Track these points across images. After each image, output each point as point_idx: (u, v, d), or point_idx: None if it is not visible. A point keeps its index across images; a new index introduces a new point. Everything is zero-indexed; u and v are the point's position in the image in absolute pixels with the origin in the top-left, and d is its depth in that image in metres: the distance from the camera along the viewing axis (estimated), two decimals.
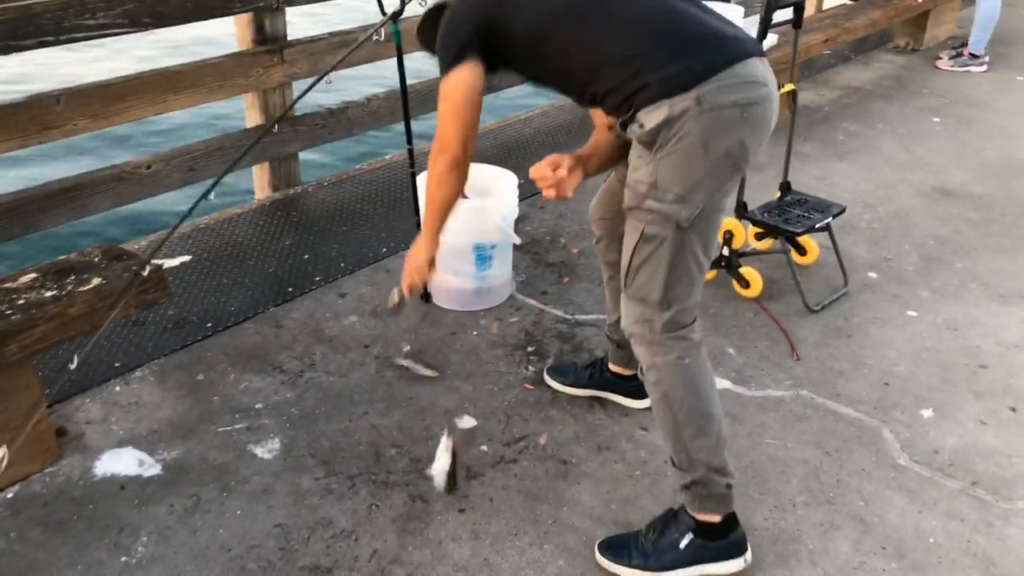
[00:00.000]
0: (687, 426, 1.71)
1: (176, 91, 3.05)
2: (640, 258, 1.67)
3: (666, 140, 1.56)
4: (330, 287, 2.83)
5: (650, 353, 1.72)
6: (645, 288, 1.68)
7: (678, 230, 1.62)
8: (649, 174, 1.60)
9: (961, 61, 5.33)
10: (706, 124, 1.54)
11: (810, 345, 2.58)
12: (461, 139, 1.70)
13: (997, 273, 3.01)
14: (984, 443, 2.19)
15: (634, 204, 1.65)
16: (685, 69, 1.55)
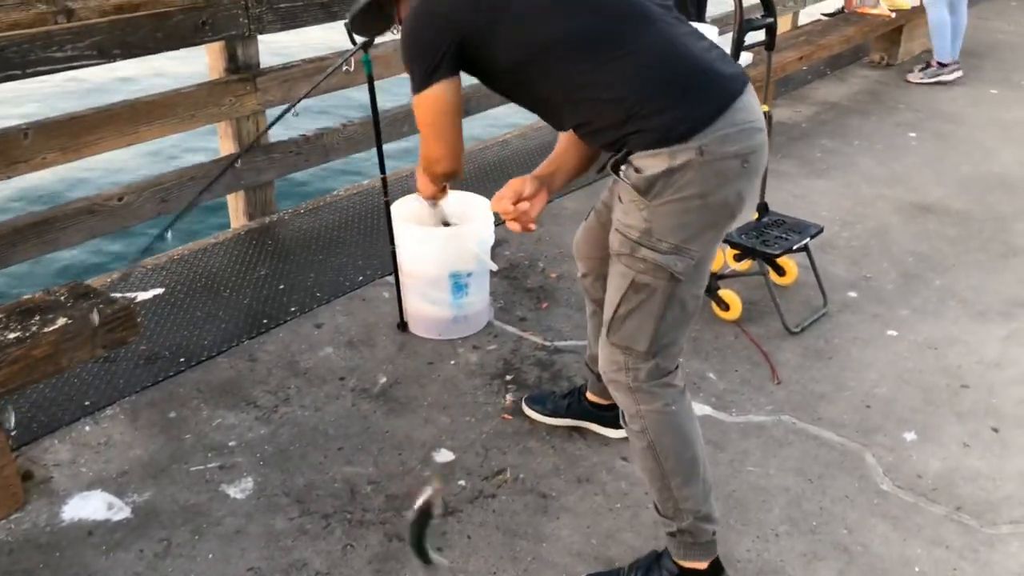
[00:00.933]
0: (675, 475, 1.67)
1: (148, 122, 3.02)
2: (628, 307, 1.60)
3: (663, 189, 1.51)
4: (306, 317, 2.79)
5: (634, 401, 1.66)
6: (632, 338, 1.62)
7: (671, 280, 1.57)
8: (643, 221, 1.54)
9: (931, 72, 5.38)
10: (707, 176, 1.50)
11: (791, 368, 2.56)
12: (451, 153, 1.70)
13: (975, 289, 3.00)
14: (968, 466, 2.17)
15: (625, 251, 1.58)
16: (684, 117, 1.49)
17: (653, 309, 1.59)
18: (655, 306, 1.58)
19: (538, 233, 3.34)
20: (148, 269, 3.06)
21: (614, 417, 2.19)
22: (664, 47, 1.53)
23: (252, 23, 3.24)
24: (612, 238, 1.62)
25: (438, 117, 1.63)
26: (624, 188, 1.57)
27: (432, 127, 1.66)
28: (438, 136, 1.67)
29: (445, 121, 1.64)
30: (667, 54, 1.53)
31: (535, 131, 4.50)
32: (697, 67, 1.54)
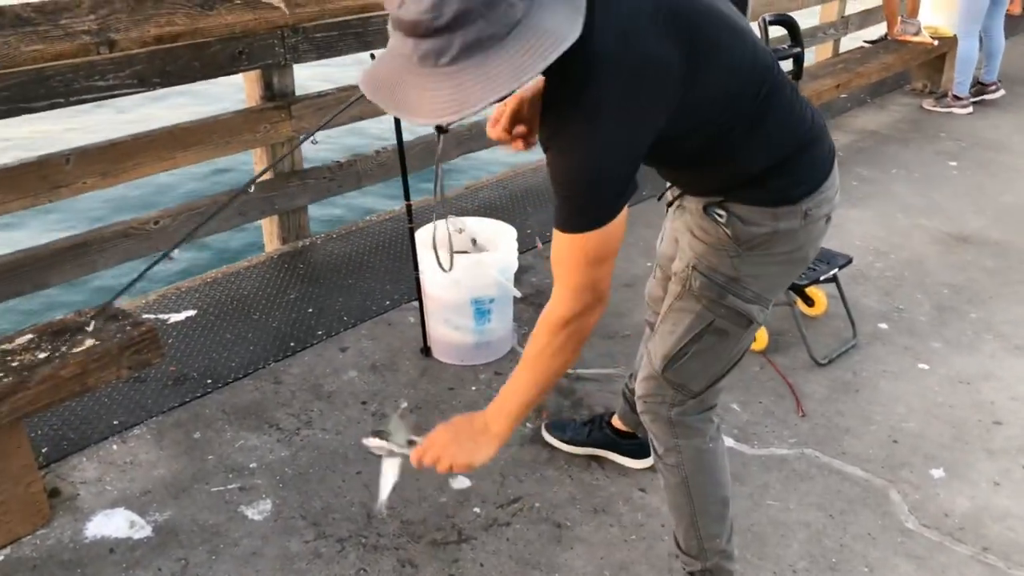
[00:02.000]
0: (704, 514, 1.67)
1: (184, 148, 3.10)
2: (698, 348, 1.56)
3: (761, 244, 1.48)
4: (332, 341, 2.82)
5: (672, 435, 1.64)
6: (690, 377, 1.59)
7: (747, 327, 1.55)
8: (731, 268, 1.51)
9: (944, 103, 5.31)
10: (803, 237, 1.50)
11: (816, 400, 2.51)
12: (608, 279, 1.35)
13: (1013, 323, 2.93)
14: (997, 505, 2.10)
15: (710, 294, 1.53)
16: (799, 182, 1.46)
17: (722, 353, 1.57)
18: (726, 349, 1.57)
19: None
20: (182, 291, 3.14)
21: (635, 447, 2.19)
22: (791, 112, 1.47)
23: (288, 53, 3.32)
24: (690, 276, 1.55)
25: (614, 246, 1.31)
26: (711, 228, 1.51)
27: (605, 263, 1.32)
28: (604, 274, 1.33)
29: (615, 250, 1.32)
30: (794, 121, 1.47)
31: None
32: (813, 134, 1.49)
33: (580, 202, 1.27)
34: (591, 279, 1.31)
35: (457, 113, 1.08)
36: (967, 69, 5.26)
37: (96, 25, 2.67)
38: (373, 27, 3.55)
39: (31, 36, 2.53)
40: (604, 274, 1.32)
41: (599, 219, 1.27)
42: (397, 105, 1.14)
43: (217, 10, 3.02)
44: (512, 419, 1.44)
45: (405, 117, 1.14)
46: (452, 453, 1.44)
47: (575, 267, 1.30)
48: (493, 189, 4.12)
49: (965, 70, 5.26)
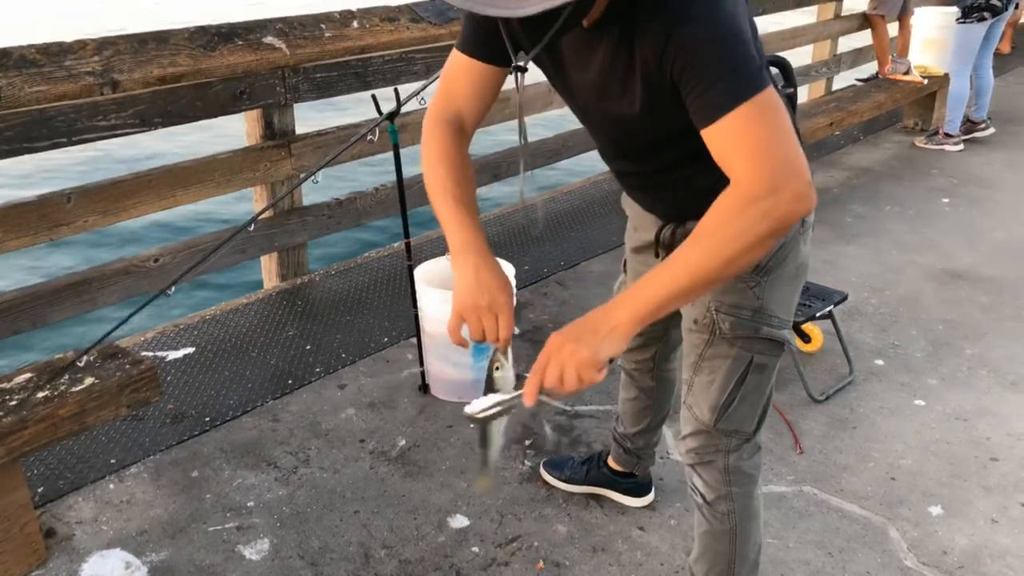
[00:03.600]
0: (744, 561, 1.66)
1: (185, 186, 3.12)
2: (745, 391, 1.52)
3: (776, 263, 1.46)
4: (330, 378, 2.83)
5: (726, 483, 1.59)
6: (742, 420, 1.55)
7: (781, 352, 1.53)
8: (754, 298, 1.47)
9: (936, 140, 5.39)
10: (802, 246, 1.50)
11: (814, 437, 2.52)
12: (803, 157, 1.16)
13: (1009, 359, 2.94)
14: (995, 543, 2.10)
15: (743, 333, 1.47)
16: None
17: (765, 387, 1.54)
18: (767, 382, 1.54)
19: (563, 296, 3.36)
20: (180, 328, 3.14)
21: (633, 485, 2.19)
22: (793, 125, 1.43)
23: (288, 92, 3.37)
24: (715, 320, 1.48)
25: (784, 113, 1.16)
26: None
27: (784, 131, 1.14)
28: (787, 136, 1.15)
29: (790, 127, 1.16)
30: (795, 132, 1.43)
31: (564, 195, 4.56)
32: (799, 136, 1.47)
33: (741, 62, 1.13)
34: (781, 151, 1.12)
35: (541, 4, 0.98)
36: (958, 107, 5.35)
37: (100, 67, 2.71)
38: (373, 67, 3.61)
39: (35, 77, 2.56)
40: (798, 156, 1.13)
41: (762, 77, 1.13)
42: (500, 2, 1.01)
43: (219, 51, 3.07)
44: (647, 306, 1.16)
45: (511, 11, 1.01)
46: (570, 352, 1.16)
47: (757, 139, 1.12)
48: (491, 225, 4.15)
49: (956, 108, 5.35)
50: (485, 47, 1.40)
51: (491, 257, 1.35)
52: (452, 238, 1.36)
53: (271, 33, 3.28)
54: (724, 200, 1.15)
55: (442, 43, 3.77)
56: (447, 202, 1.38)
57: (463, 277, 1.33)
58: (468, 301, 1.32)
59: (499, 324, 1.32)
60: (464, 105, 1.46)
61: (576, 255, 3.73)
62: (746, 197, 1.12)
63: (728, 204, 1.14)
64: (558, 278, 3.52)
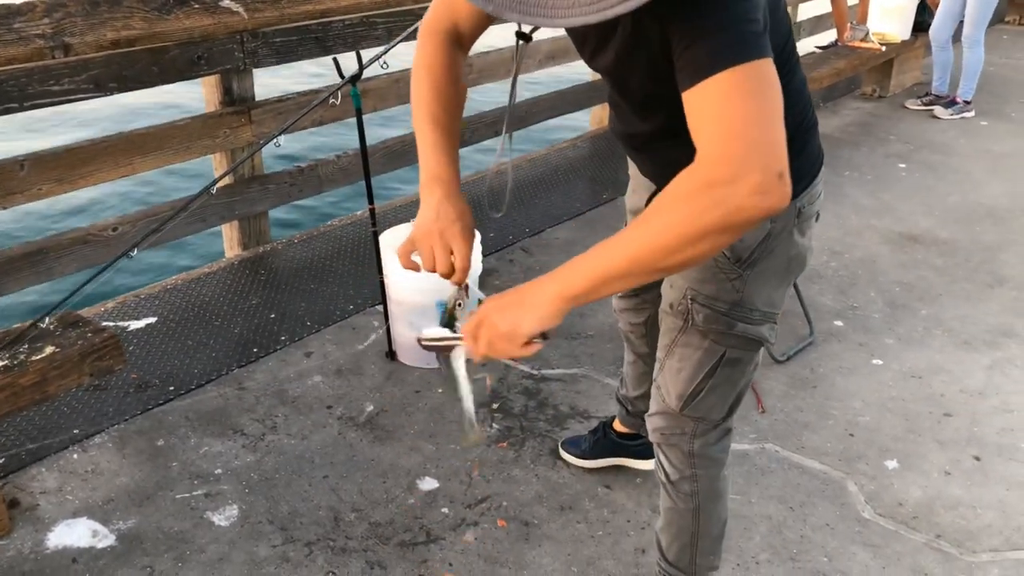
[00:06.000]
0: (706, 537, 1.66)
1: (143, 154, 3.06)
2: (714, 381, 1.47)
3: (761, 255, 1.37)
4: (295, 346, 2.81)
5: (690, 465, 1.57)
6: (710, 409, 1.51)
7: (760, 348, 1.47)
8: (733, 291, 1.39)
9: (957, 109, 5.40)
10: (797, 237, 1.40)
11: (776, 396, 2.57)
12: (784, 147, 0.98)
13: (961, 319, 3.03)
14: (949, 494, 2.18)
15: (717, 327, 1.41)
16: (797, 173, 1.19)
17: (739, 380, 1.49)
18: (741, 376, 1.49)
19: (529, 263, 3.38)
20: (142, 298, 3.10)
21: (642, 447, 2.16)
22: (805, 85, 1.34)
23: (247, 57, 3.31)
24: (690, 309, 1.43)
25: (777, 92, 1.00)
26: None
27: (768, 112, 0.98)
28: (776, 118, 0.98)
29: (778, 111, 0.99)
30: (807, 96, 1.35)
31: (529, 163, 4.56)
32: (815, 119, 1.38)
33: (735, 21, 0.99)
34: (755, 134, 0.96)
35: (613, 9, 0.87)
36: (976, 74, 5.34)
37: (51, 29, 2.63)
38: (333, 31, 3.55)
39: None
40: (775, 143, 0.97)
41: (760, 44, 0.99)
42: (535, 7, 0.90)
43: (175, 14, 3.00)
44: (579, 285, 1.05)
45: (547, 22, 0.90)
46: (492, 324, 1.12)
47: (732, 114, 0.97)
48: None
49: (974, 76, 5.33)
50: None
51: (458, 190, 1.29)
52: (424, 164, 1.29)
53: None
54: (680, 178, 0.99)
55: (404, 7, 3.72)
56: (425, 122, 1.30)
57: (426, 206, 1.27)
58: (423, 228, 1.26)
59: (455, 257, 1.26)
60: (464, 18, 1.33)
61: (541, 222, 3.74)
62: (702, 178, 0.97)
63: (682, 183, 0.99)
64: (523, 245, 3.53)
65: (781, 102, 0.99)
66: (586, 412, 2.49)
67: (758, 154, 0.95)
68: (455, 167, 1.30)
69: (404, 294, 2.61)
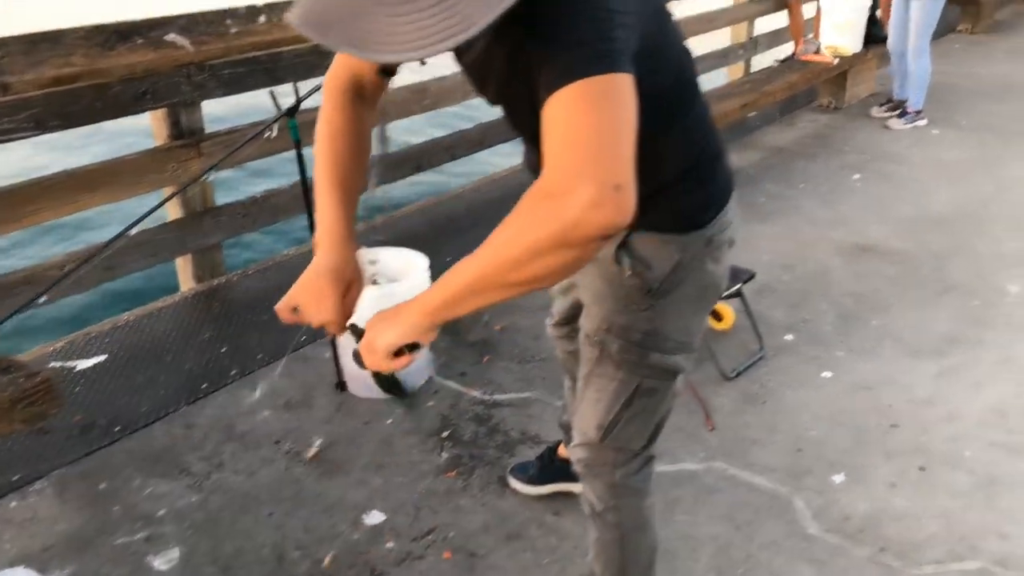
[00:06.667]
0: (634, 566, 1.65)
1: (90, 190, 3.03)
2: (632, 413, 1.46)
3: (671, 286, 1.37)
4: (246, 380, 2.79)
5: (614, 495, 1.56)
6: (629, 439, 1.50)
7: (675, 378, 1.46)
8: (646, 321, 1.39)
9: (910, 118, 5.47)
10: (710, 265, 1.40)
11: (725, 413, 2.58)
12: (628, 162, 0.96)
13: (911, 328, 3.05)
14: (894, 506, 2.19)
15: (631, 358, 1.41)
16: (708, 200, 1.37)
17: (657, 409, 1.48)
18: (660, 405, 1.48)
19: None
20: (91, 337, 3.06)
21: None
22: (707, 113, 1.37)
23: (195, 90, 3.30)
24: (604, 340, 1.43)
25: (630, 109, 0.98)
26: (616, 279, 1.39)
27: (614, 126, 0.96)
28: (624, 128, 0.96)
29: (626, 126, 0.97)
30: (709, 123, 1.37)
31: (489, 184, 4.57)
32: (722, 146, 1.39)
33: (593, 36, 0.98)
34: (595, 146, 0.94)
35: (455, 38, 0.85)
36: (926, 83, 5.42)
37: None
38: (283, 62, 3.55)
39: None
40: (616, 156, 0.94)
41: (613, 60, 0.98)
42: (362, 41, 0.88)
43: (118, 50, 2.99)
44: (436, 302, 1.06)
45: (374, 55, 0.89)
46: (368, 338, 1.14)
47: (574, 125, 0.95)
48: (414, 217, 4.13)
49: (924, 85, 5.41)
50: None
51: (346, 244, 1.29)
52: (318, 220, 1.30)
53: (174, 30, 3.19)
54: (527, 191, 0.98)
55: None
56: (322, 179, 1.30)
57: (313, 261, 1.28)
58: (301, 282, 1.27)
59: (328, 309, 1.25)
60: (365, 69, 1.32)
61: None
62: (541, 190, 0.95)
63: (526, 196, 0.97)
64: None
65: (632, 116, 0.97)
66: (537, 437, 2.48)
67: (595, 166, 0.93)
68: (347, 222, 1.30)
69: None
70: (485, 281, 1.01)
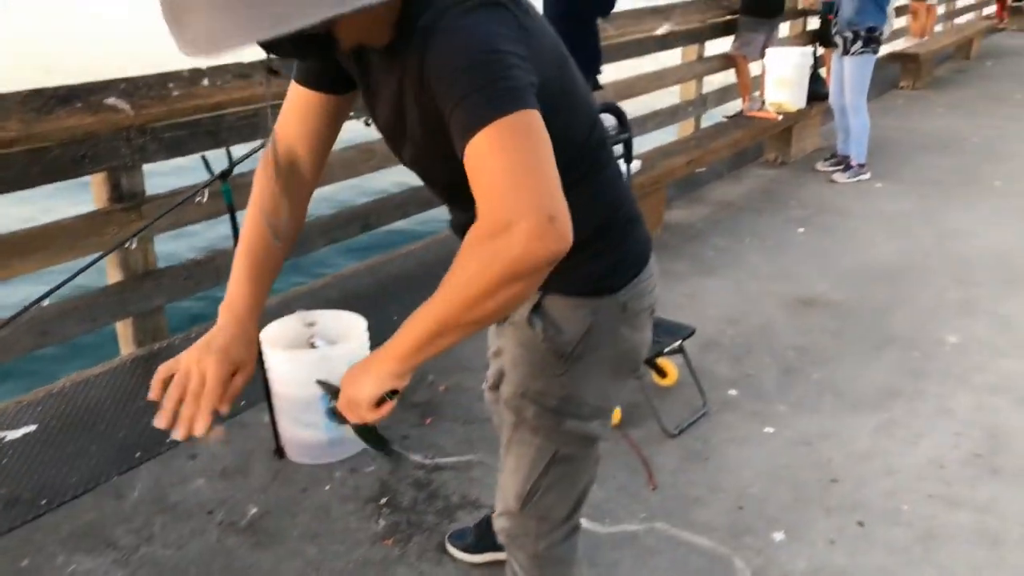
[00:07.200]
0: None
1: (22, 255, 2.98)
2: (550, 481, 1.44)
3: (585, 351, 1.37)
4: (181, 448, 2.72)
5: (537, 565, 1.53)
6: (550, 508, 1.48)
7: (595, 445, 1.46)
8: (561, 387, 1.39)
9: (853, 172, 5.60)
10: (626, 332, 1.39)
11: (668, 472, 2.57)
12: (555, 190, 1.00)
13: (851, 381, 3.08)
14: (833, 563, 2.18)
15: (547, 423, 1.40)
16: (619, 265, 1.37)
17: (577, 476, 1.46)
18: (580, 472, 1.46)
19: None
20: (22, 406, 2.97)
21: None
22: (619, 177, 1.39)
23: (135, 153, 3.28)
24: (520, 405, 1.42)
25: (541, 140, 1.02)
26: (531, 343, 1.39)
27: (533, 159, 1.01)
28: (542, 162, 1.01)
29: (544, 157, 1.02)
30: (622, 187, 1.39)
31: (438, 244, 4.58)
32: (637, 211, 1.41)
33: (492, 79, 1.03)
34: (521, 182, 0.98)
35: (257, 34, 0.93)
36: (864, 138, 5.56)
37: None
38: (226, 124, 3.55)
39: None
40: (541, 188, 0.99)
41: (516, 97, 1.02)
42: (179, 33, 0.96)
43: (56, 114, 2.97)
44: (404, 347, 1.09)
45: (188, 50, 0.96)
46: (345, 391, 1.17)
47: (497, 167, 0.99)
48: (362, 277, 4.12)
49: (863, 139, 5.56)
50: (309, 72, 1.31)
51: (247, 320, 1.29)
52: (227, 291, 1.31)
53: (114, 94, 3.19)
54: (467, 237, 1.02)
55: None
56: (240, 251, 1.33)
57: (204, 336, 1.27)
58: (190, 352, 1.24)
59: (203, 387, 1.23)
60: (294, 138, 1.34)
61: None
62: (482, 233, 0.99)
63: (467, 242, 1.01)
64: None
65: (547, 148, 1.02)
66: (478, 501, 2.44)
67: (525, 202, 0.97)
68: (251, 298, 1.31)
69: (287, 389, 2.56)
70: (446, 324, 1.05)
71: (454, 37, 1.06)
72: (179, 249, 4.58)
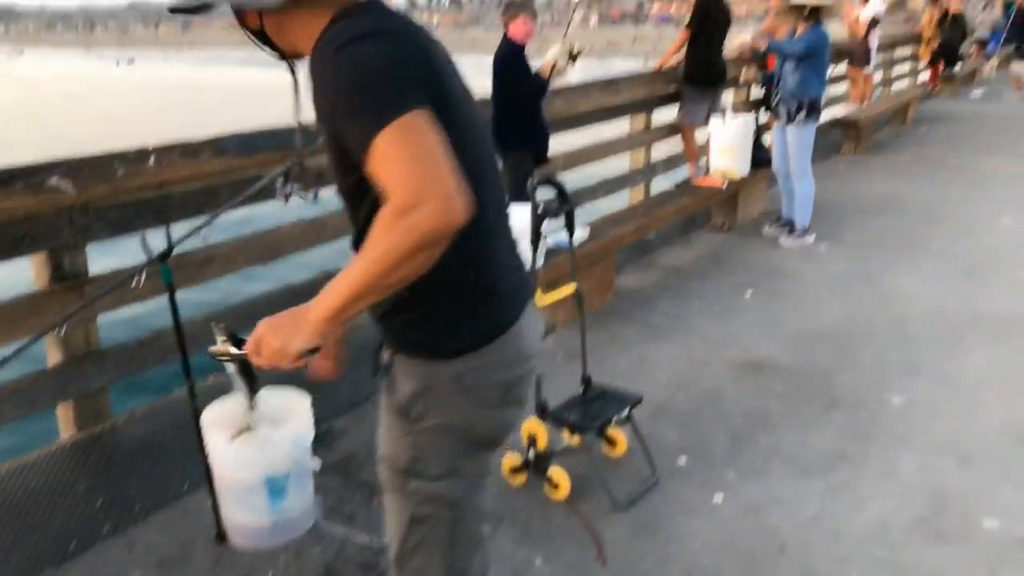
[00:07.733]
0: None
1: None
2: (413, 543, 1.48)
3: (423, 413, 1.42)
4: (119, 537, 2.64)
5: None
6: (421, 572, 1.50)
7: (453, 507, 1.47)
8: (408, 448, 1.44)
9: (797, 236, 5.74)
10: (462, 404, 1.41)
11: (618, 545, 2.55)
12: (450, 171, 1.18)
13: (798, 445, 3.11)
14: None
15: (397, 484, 1.46)
16: (447, 332, 1.39)
17: (440, 540, 1.48)
18: (445, 536, 1.48)
19: None
20: None
21: None
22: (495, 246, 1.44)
23: (78, 233, 3.25)
24: (381, 469, 1.50)
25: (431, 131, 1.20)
26: (386, 407, 1.47)
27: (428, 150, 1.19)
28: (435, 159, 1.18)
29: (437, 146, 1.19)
30: (494, 254, 1.43)
31: None
32: (505, 283, 1.44)
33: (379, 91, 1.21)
34: (422, 168, 1.16)
35: None
36: (809, 204, 5.71)
37: None
38: (173, 201, 3.54)
39: None
40: (436, 173, 1.16)
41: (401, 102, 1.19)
42: None
43: None
44: (335, 302, 1.21)
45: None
46: (267, 343, 1.27)
47: (401, 158, 1.17)
48: None
49: (807, 205, 5.71)
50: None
51: None
52: None
53: (56, 174, 3.17)
54: (380, 216, 1.18)
55: (248, 173, 3.76)
56: None
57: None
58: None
59: None
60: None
61: None
62: (394, 213, 1.16)
63: (381, 220, 1.17)
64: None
65: (437, 139, 1.19)
66: None
67: (430, 183, 1.16)
68: None
69: (228, 472, 2.50)
70: (367, 288, 1.19)
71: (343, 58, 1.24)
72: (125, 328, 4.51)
